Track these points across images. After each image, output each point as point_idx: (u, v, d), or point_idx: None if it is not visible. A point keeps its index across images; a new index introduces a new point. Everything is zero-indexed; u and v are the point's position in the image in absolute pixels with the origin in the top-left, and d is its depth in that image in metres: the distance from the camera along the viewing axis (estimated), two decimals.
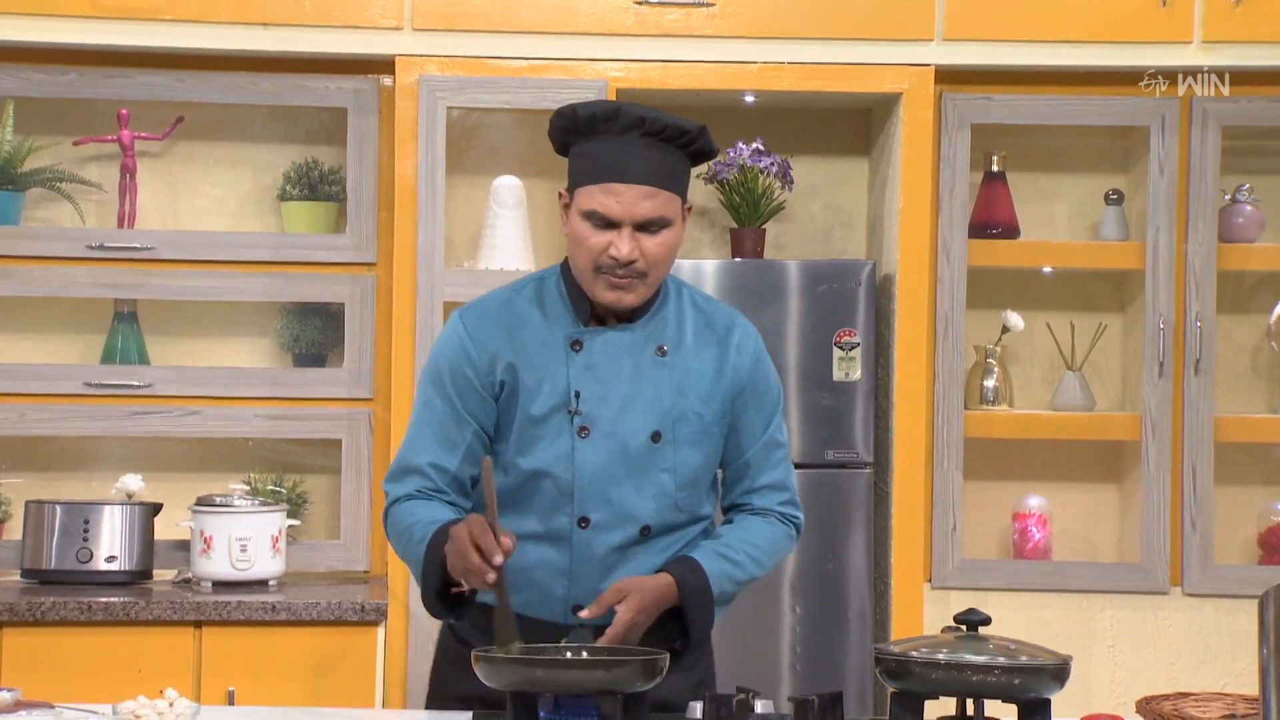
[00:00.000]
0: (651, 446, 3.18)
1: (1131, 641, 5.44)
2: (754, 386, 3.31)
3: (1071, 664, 2.87)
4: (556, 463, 3.16)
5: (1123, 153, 5.69)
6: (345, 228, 5.37)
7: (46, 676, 4.67)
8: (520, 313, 3.24)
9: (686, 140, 3.19)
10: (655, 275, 3.19)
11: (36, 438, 5.40)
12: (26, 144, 5.35)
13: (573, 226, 3.18)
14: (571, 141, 3.22)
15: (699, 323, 3.29)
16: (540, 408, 3.17)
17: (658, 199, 3.14)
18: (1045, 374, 5.71)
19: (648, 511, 3.19)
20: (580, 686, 2.83)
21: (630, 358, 3.21)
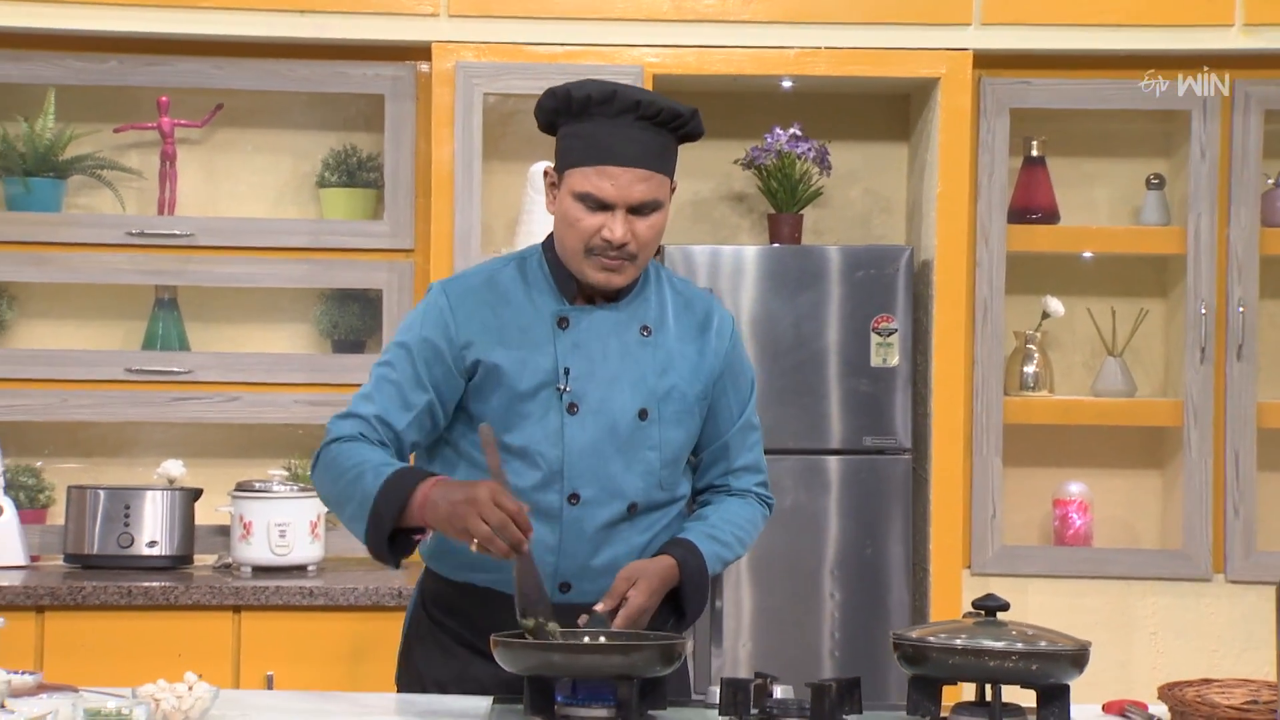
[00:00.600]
0: (639, 424, 3.18)
1: (1173, 629, 5.41)
2: (732, 369, 3.31)
3: (1090, 650, 2.85)
4: (546, 439, 3.15)
5: (1164, 137, 5.65)
6: (383, 214, 5.39)
7: (87, 660, 4.71)
8: (504, 290, 3.22)
9: (679, 123, 3.18)
10: (644, 257, 3.18)
11: (78, 423, 5.44)
12: (67, 132, 5.38)
13: (563, 207, 3.17)
14: (562, 122, 3.20)
15: (679, 305, 3.29)
16: (527, 384, 3.16)
17: (651, 182, 3.13)
18: (1086, 360, 5.68)
19: (635, 489, 3.18)
20: (598, 671, 2.83)
21: (616, 336, 3.20)
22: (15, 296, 5.46)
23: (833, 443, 5.30)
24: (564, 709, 2.84)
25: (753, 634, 5.27)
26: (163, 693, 2.78)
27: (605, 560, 3.17)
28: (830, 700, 2.82)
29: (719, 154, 5.59)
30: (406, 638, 3.35)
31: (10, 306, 5.43)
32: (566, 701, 2.84)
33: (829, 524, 5.29)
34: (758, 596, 5.27)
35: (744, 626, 5.26)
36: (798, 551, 5.28)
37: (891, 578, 5.30)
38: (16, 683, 2.89)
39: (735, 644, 5.24)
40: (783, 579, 5.28)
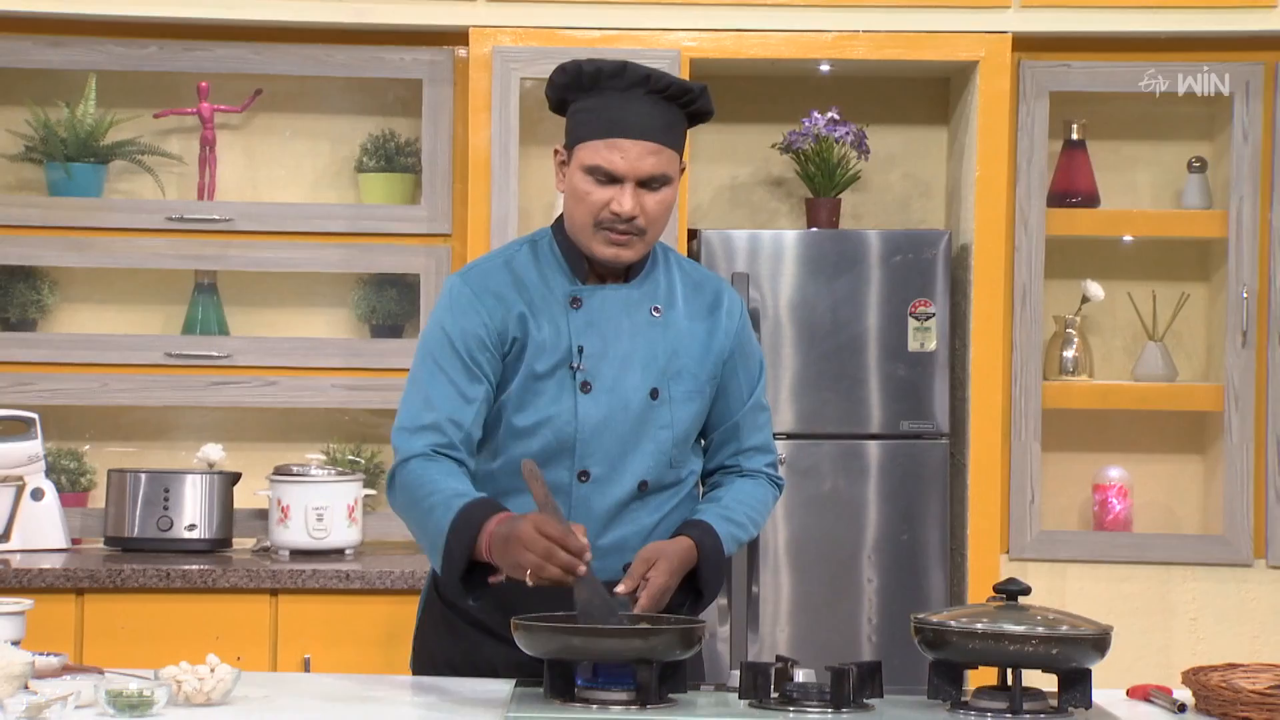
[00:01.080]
0: (650, 404, 3.19)
1: (1214, 614, 5.38)
2: (742, 349, 3.32)
3: (1112, 634, 2.84)
4: (559, 417, 3.16)
5: (1206, 119, 5.60)
6: (420, 199, 5.40)
7: (125, 643, 4.74)
8: (519, 272, 3.23)
9: (689, 99, 3.19)
10: (653, 233, 3.19)
11: (119, 407, 5.47)
12: (108, 117, 5.41)
13: (572, 182, 3.18)
14: (572, 98, 3.21)
15: (688, 286, 3.29)
16: (544, 364, 3.17)
17: (661, 156, 3.14)
18: (1127, 344, 5.65)
19: (645, 467, 3.19)
20: (618, 655, 2.83)
21: (627, 316, 3.21)
22: (57, 281, 5.49)
23: (870, 428, 5.29)
24: (584, 692, 2.84)
25: (790, 619, 5.26)
26: (185, 674, 2.80)
27: (615, 539, 3.18)
28: (850, 684, 2.81)
29: (757, 138, 5.58)
30: (420, 622, 3.35)
31: (52, 291, 5.47)
32: (587, 685, 2.85)
33: (866, 509, 5.27)
34: (795, 581, 5.26)
35: (782, 611, 5.25)
36: (835, 536, 5.27)
37: (929, 563, 5.29)
38: (41, 664, 2.92)
39: (773, 629, 5.24)
40: (820, 564, 5.27)
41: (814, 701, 2.83)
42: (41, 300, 5.44)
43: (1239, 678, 2.92)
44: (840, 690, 2.81)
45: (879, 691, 2.89)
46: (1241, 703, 2.79)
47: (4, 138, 5.46)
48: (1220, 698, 2.82)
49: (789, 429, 5.27)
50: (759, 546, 5.23)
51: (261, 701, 2.86)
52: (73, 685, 2.72)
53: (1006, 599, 2.87)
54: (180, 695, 2.79)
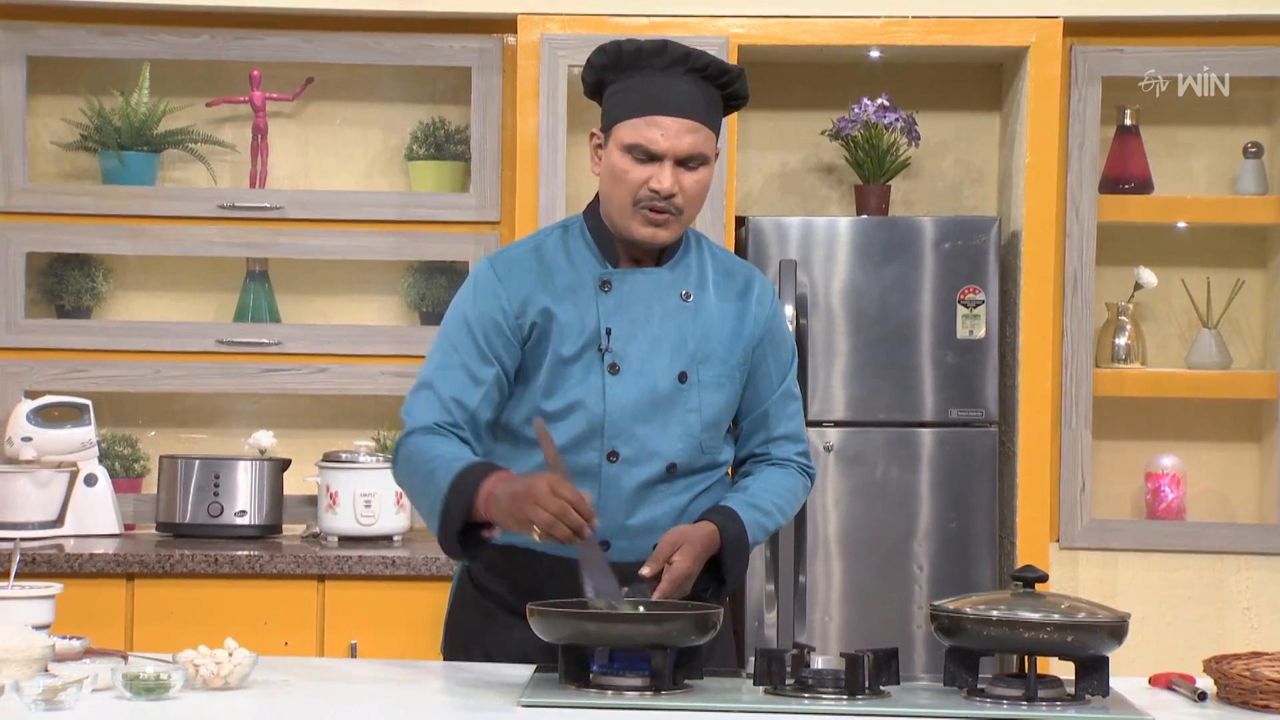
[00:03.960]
0: (679, 387, 3.20)
1: (1268, 603, 5.33)
2: (772, 337, 3.32)
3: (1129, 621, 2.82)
4: (587, 398, 3.17)
5: (1263, 104, 5.55)
6: (470, 187, 5.41)
7: (175, 628, 4.77)
8: (549, 258, 3.25)
9: (727, 80, 3.21)
10: (689, 213, 3.21)
11: (171, 394, 5.51)
12: (161, 106, 5.45)
13: (611, 161, 3.19)
14: (610, 79, 3.22)
15: (719, 273, 3.30)
16: (571, 348, 3.18)
17: (700, 134, 3.16)
18: (1181, 331, 5.60)
19: (674, 450, 3.20)
20: (633, 641, 2.83)
21: (658, 300, 3.22)
22: (110, 269, 5.54)
23: (920, 415, 5.27)
24: (599, 678, 2.84)
25: (840, 606, 5.25)
26: (202, 658, 2.82)
27: (643, 520, 3.19)
28: (865, 670, 2.80)
29: (806, 125, 5.57)
30: (451, 607, 3.37)
31: (105, 279, 5.52)
32: (602, 671, 2.85)
33: (916, 497, 5.25)
34: (845, 569, 5.25)
35: (832, 599, 5.24)
36: (885, 524, 5.25)
37: (978, 551, 5.26)
38: (62, 647, 2.94)
39: (822, 616, 5.23)
40: (870, 551, 5.26)
41: (829, 688, 2.82)
42: (95, 288, 5.49)
43: (1263, 666, 2.88)
44: (855, 677, 2.80)
45: (895, 678, 2.88)
46: (1261, 690, 2.76)
47: (59, 127, 5.52)
48: (1241, 685, 2.80)
49: (839, 416, 5.25)
50: (807, 534, 5.22)
51: (278, 686, 2.88)
52: (90, 668, 2.74)
53: (1024, 586, 2.86)
54: (197, 679, 2.81)
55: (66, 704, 2.62)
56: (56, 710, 2.61)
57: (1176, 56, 5.32)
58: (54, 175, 5.55)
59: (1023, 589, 2.86)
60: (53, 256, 5.47)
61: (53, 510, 5.20)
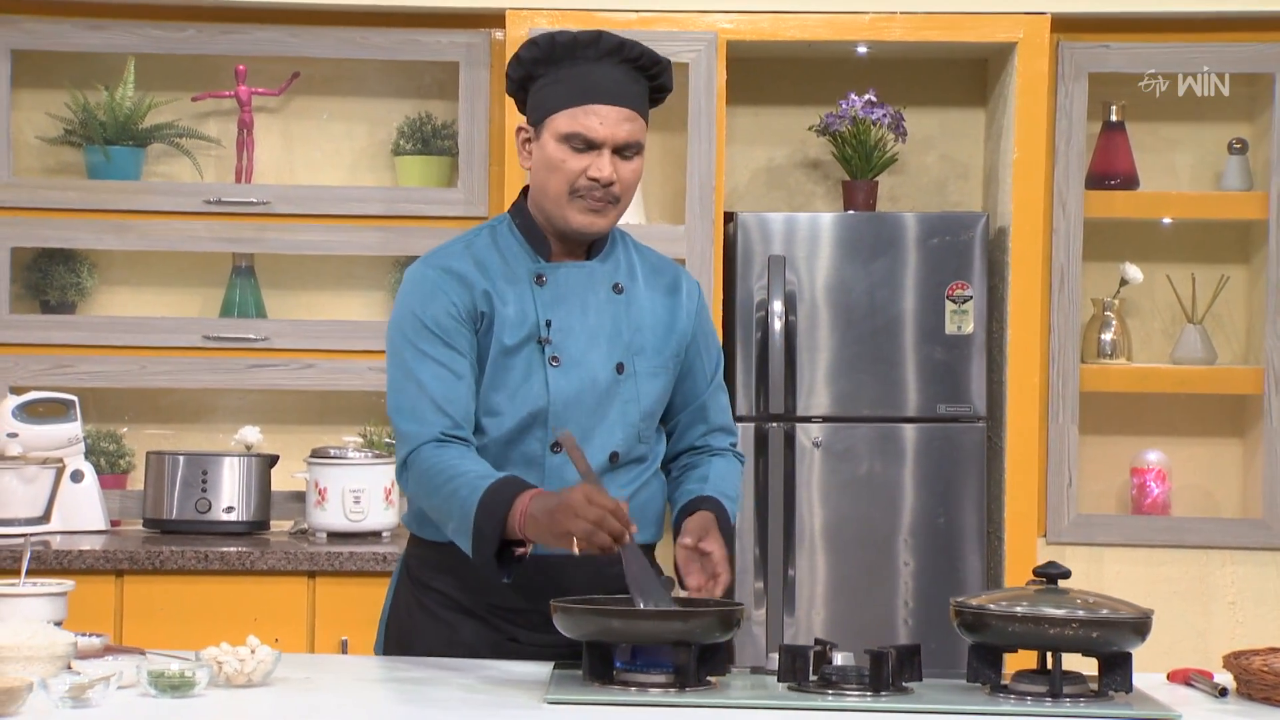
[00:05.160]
0: (616, 378, 3.22)
1: (1253, 598, 5.36)
2: (703, 331, 3.39)
3: (1153, 618, 2.83)
4: (531, 391, 3.18)
5: (1247, 100, 5.57)
6: (457, 182, 5.40)
7: (164, 624, 4.76)
8: (481, 254, 3.24)
9: (658, 70, 3.24)
10: (625, 202, 3.23)
11: (157, 390, 5.49)
12: (147, 100, 5.42)
13: (545, 153, 3.18)
14: (540, 72, 3.20)
15: (647, 268, 3.34)
16: (512, 338, 3.19)
17: (636, 123, 3.19)
18: (1165, 327, 5.63)
19: (615, 439, 3.22)
20: (657, 637, 2.83)
21: (592, 292, 3.25)
22: (95, 264, 5.51)
23: (907, 410, 5.28)
24: (622, 674, 2.84)
25: (826, 602, 5.26)
26: (225, 655, 2.81)
27: None
28: (890, 667, 2.81)
29: (793, 120, 5.58)
30: (392, 605, 3.35)
31: (90, 274, 5.49)
32: (625, 668, 2.85)
33: (903, 492, 5.26)
34: (831, 564, 5.26)
35: (818, 595, 5.25)
36: (871, 519, 5.26)
37: (965, 546, 5.27)
38: (83, 644, 2.93)
39: (809, 612, 5.23)
40: (856, 547, 5.27)
41: (853, 684, 2.82)
42: (80, 283, 5.46)
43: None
44: (879, 673, 2.81)
45: (918, 675, 2.89)
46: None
47: (44, 121, 5.49)
48: (1263, 682, 2.81)
49: (826, 412, 5.26)
50: (795, 529, 5.22)
51: (301, 683, 2.87)
52: (115, 666, 2.74)
53: (1047, 582, 2.86)
54: (221, 676, 2.80)
55: (93, 701, 2.61)
56: (84, 707, 2.60)
57: (1163, 53, 5.34)
58: (38, 170, 5.52)
59: (1045, 585, 2.86)
60: (37, 251, 5.44)
61: (39, 506, 5.17)
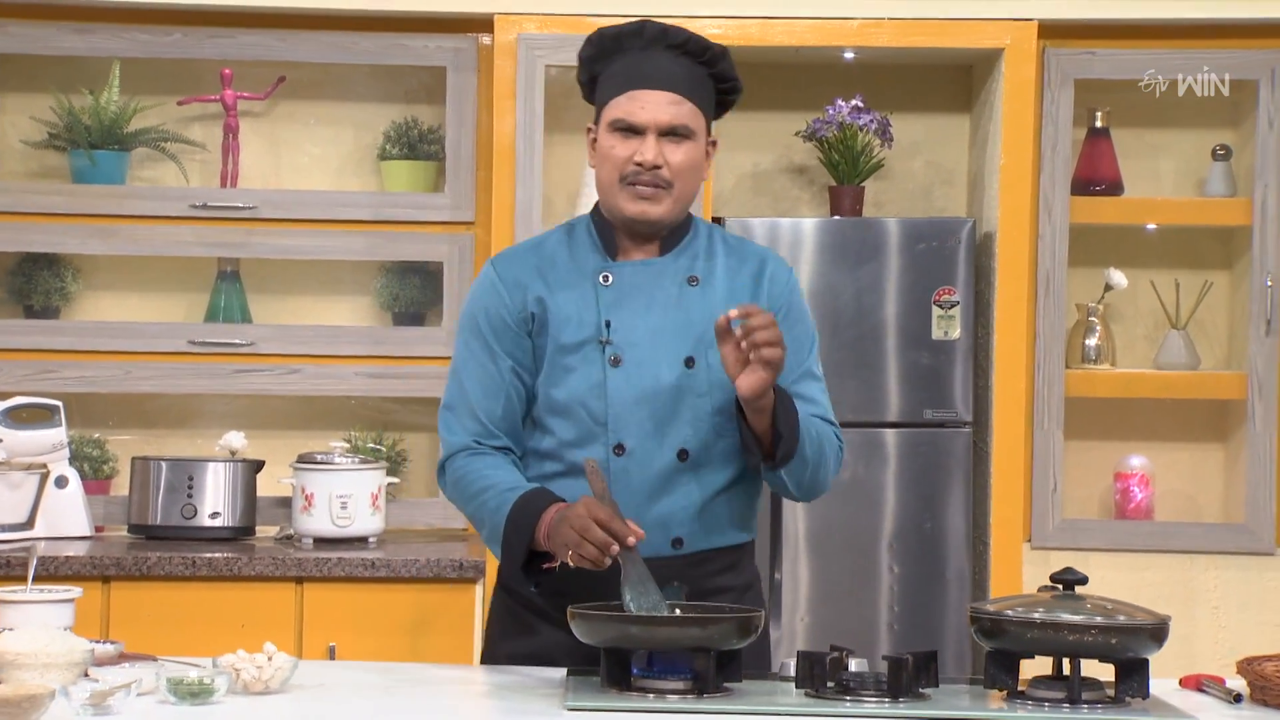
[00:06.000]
0: (686, 373, 3.20)
1: (1236, 603, 5.39)
2: (786, 315, 3.29)
3: (1170, 624, 2.84)
4: (589, 393, 3.18)
5: (1231, 107, 5.60)
6: (444, 187, 5.39)
7: (152, 630, 4.72)
8: (551, 252, 3.28)
9: (709, 57, 3.24)
10: (680, 189, 3.21)
11: (142, 395, 5.46)
12: (132, 105, 5.40)
13: (599, 145, 3.24)
14: (600, 69, 3.26)
15: (731, 259, 3.31)
16: (571, 337, 3.20)
17: (683, 107, 3.19)
18: (1149, 332, 5.65)
19: (684, 435, 3.18)
20: (675, 644, 2.84)
21: (660, 288, 3.23)
22: (80, 269, 5.48)
23: (893, 416, 5.29)
24: (640, 681, 2.84)
25: (811, 607, 5.26)
26: (243, 663, 2.80)
27: (662, 512, 3.18)
28: (908, 674, 2.82)
29: (780, 126, 5.58)
30: (488, 618, 3.37)
31: (75, 279, 5.46)
32: (643, 674, 2.85)
33: (889, 497, 5.28)
34: (816, 569, 5.26)
35: (801, 600, 5.25)
36: (857, 525, 5.27)
37: (951, 551, 5.29)
38: (99, 652, 2.92)
39: (793, 617, 5.24)
40: (842, 552, 5.27)
41: (871, 691, 2.83)
42: (65, 288, 5.43)
43: None
44: (897, 679, 2.82)
45: (934, 681, 2.90)
46: None
47: (28, 125, 5.45)
48: (1278, 688, 2.82)
49: None
50: (780, 534, 5.23)
51: (318, 690, 2.86)
52: (134, 673, 2.73)
53: (1063, 588, 2.87)
54: (238, 683, 2.79)
55: (114, 709, 2.60)
56: (104, 715, 2.60)
57: (1149, 59, 5.36)
58: (23, 174, 5.49)
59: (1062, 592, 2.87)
60: (21, 256, 5.41)
61: (23, 512, 5.14)
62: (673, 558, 3.16)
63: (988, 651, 2.87)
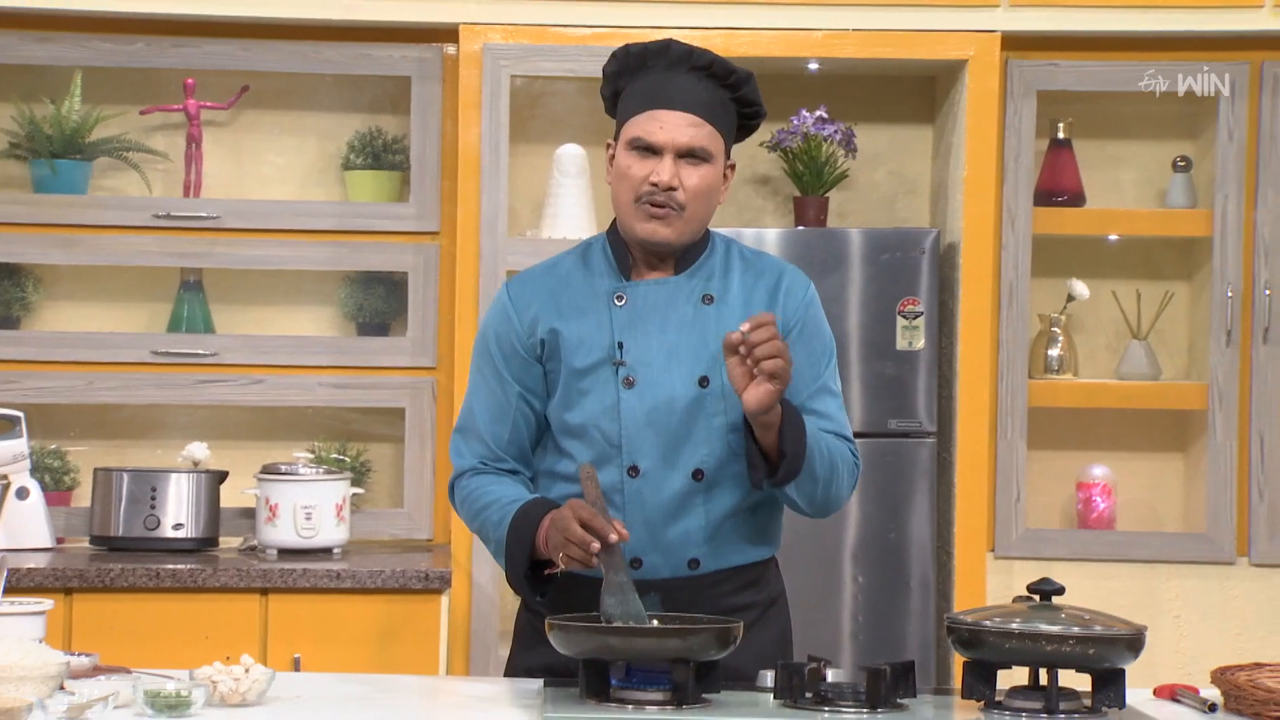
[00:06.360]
0: (700, 393, 3.18)
1: (1198, 612, 5.41)
2: (803, 328, 3.26)
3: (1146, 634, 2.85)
4: (603, 415, 3.18)
5: (1191, 119, 5.63)
6: (409, 197, 5.38)
7: (116, 642, 4.68)
8: (565, 274, 3.28)
9: (734, 80, 3.22)
10: (694, 212, 3.18)
11: (104, 405, 5.43)
12: (94, 113, 5.37)
13: (617, 163, 3.22)
14: (623, 85, 3.25)
15: (747, 275, 3.28)
16: (584, 361, 3.20)
17: (701, 129, 3.17)
18: (1110, 342, 5.68)
19: (699, 456, 3.17)
20: (654, 655, 2.83)
21: (674, 308, 3.22)
22: (41, 279, 5.45)
23: (858, 426, 5.27)
24: (619, 692, 2.84)
25: None
26: (220, 675, 2.79)
27: (678, 533, 3.17)
28: (886, 685, 2.82)
29: None
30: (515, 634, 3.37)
31: (36, 289, 5.43)
32: (621, 685, 2.85)
33: (853, 507, 5.28)
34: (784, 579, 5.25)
35: None
36: (821, 534, 5.27)
37: (915, 561, 5.30)
38: (74, 664, 2.90)
39: None
40: (806, 562, 5.27)
41: (849, 701, 2.84)
42: (26, 298, 5.40)
43: (1265, 677, 2.93)
44: (876, 690, 2.82)
45: (912, 691, 2.90)
46: (1276, 701, 2.80)
47: None
48: (1253, 698, 2.84)
49: None
50: None
51: (294, 702, 2.85)
52: (110, 686, 2.71)
53: (1040, 598, 2.88)
54: (216, 696, 2.78)
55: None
56: None
57: (1111, 71, 5.39)
58: None
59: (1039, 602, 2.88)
60: None
61: None
62: (689, 578, 3.17)
63: (965, 662, 2.88)
